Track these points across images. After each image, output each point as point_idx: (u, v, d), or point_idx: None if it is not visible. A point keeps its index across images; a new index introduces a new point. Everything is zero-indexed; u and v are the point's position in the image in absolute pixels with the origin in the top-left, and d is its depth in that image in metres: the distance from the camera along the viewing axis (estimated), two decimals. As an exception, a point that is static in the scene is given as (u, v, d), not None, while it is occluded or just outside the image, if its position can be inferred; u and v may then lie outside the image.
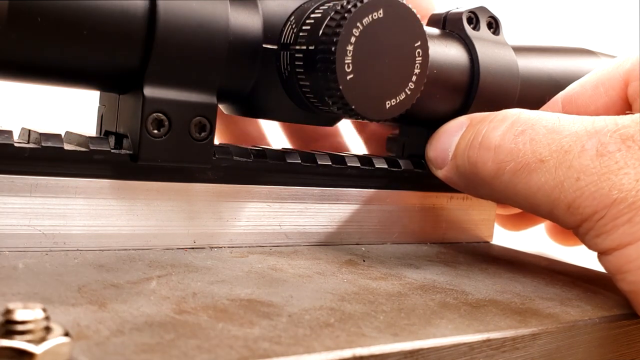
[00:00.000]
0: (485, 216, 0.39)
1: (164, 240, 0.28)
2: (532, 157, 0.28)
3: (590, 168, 0.27)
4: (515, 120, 0.29)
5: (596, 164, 0.26)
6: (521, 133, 0.29)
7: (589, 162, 0.27)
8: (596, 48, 0.41)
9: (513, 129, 0.29)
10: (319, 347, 0.19)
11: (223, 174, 0.29)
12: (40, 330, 0.15)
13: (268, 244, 0.31)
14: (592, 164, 0.27)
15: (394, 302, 0.24)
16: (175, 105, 0.26)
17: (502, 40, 0.35)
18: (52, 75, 0.26)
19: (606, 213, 0.26)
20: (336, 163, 0.32)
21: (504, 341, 0.22)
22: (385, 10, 0.27)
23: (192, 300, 0.22)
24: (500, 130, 0.29)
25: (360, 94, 0.27)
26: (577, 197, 0.27)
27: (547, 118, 0.29)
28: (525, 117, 0.29)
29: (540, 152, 0.28)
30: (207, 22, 0.26)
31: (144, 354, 0.17)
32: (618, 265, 0.27)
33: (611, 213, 0.26)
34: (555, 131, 0.28)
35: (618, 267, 0.27)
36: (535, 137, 0.28)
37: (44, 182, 0.25)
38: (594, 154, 0.27)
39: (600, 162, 0.26)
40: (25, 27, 0.23)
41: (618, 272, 0.27)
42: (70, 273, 0.23)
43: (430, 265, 0.31)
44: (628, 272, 0.26)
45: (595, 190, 0.26)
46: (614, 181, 0.26)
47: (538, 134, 0.28)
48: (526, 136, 0.28)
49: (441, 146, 0.32)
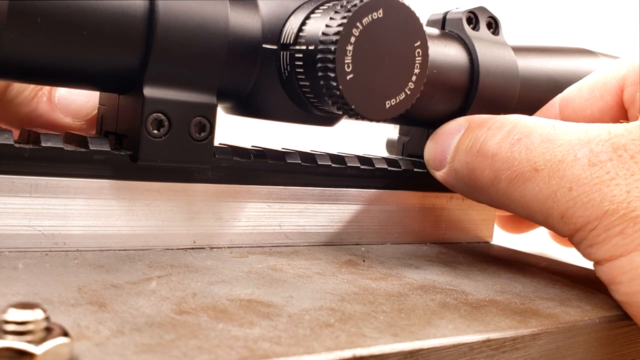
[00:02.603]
0: (485, 216, 0.39)
1: (163, 240, 0.28)
2: (527, 165, 0.28)
3: (582, 178, 0.26)
4: (513, 127, 0.29)
5: (588, 174, 0.26)
6: (517, 141, 0.29)
7: (581, 171, 0.27)
8: (596, 48, 0.41)
9: (510, 137, 0.29)
10: (319, 347, 0.19)
11: (223, 174, 0.29)
12: (40, 330, 0.15)
13: (268, 244, 0.31)
14: (584, 173, 0.26)
15: (394, 303, 0.24)
16: (175, 105, 0.26)
17: (502, 40, 0.35)
18: (52, 76, 0.26)
19: (598, 224, 0.26)
20: (336, 163, 0.32)
21: (504, 341, 0.22)
22: (385, 10, 0.27)
23: (192, 300, 0.22)
24: (497, 138, 0.29)
25: (360, 94, 0.27)
26: (570, 207, 0.27)
27: (543, 126, 0.29)
28: (523, 124, 0.29)
29: (535, 161, 0.28)
30: (207, 22, 0.26)
31: (144, 354, 0.17)
32: (611, 276, 0.27)
33: (603, 224, 0.26)
34: (550, 140, 0.28)
35: (611, 277, 0.27)
36: (530, 145, 0.28)
37: (44, 182, 0.25)
38: (586, 164, 0.27)
39: (591, 172, 0.26)
40: (25, 27, 0.23)
41: (612, 282, 0.27)
42: (70, 273, 0.23)
43: (430, 265, 0.31)
44: (621, 283, 0.26)
45: (587, 201, 0.26)
46: (605, 192, 0.26)
47: (533, 143, 0.28)
48: (522, 144, 0.28)
49: (439, 148, 0.32)
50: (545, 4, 0.95)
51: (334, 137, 0.45)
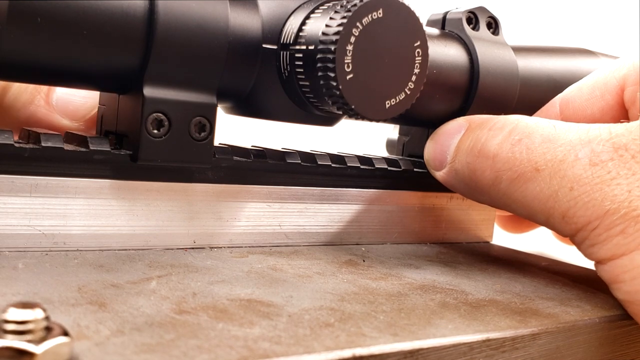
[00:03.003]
0: (485, 216, 0.39)
1: (164, 240, 0.28)
2: (528, 166, 0.28)
3: (583, 178, 0.27)
4: (513, 128, 0.29)
5: (589, 174, 0.26)
6: (518, 142, 0.29)
7: (582, 171, 0.27)
8: (596, 48, 0.41)
9: (511, 138, 0.29)
10: (319, 347, 0.19)
11: (223, 174, 0.29)
12: (40, 330, 0.15)
13: (268, 244, 0.31)
14: (585, 173, 0.27)
15: (393, 302, 0.24)
16: (175, 105, 0.26)
17: (502, 40, 0.35)
18: (52, 76, 0.26)
19: (599, 224, 0.26)
20: (336, 163, 0.32)
21: (503, 341, 0.22)
22: (385, 10, 0.27)
23: (192, 300, 0.22)
24: (498, 139, 0.29)
25: (360, 93, 0.27)
26: (571, 207, 0.27)
27: (543, 126, 0.29)
28: (523, 125, 0.29)
29: (535, 161, 0.28)
30: (207, 22, 0.26)
31: (144, 354, 0.17)
32: (613, 275, 0.27)
33: (604, 224, 0.26)
34: (551, 140, 0.28)
35: (613, 277, 0.27)
36: (531, 146, 0.28)
37: (44, 182, 0.25)
38: (587, 163, 0.27)
39: (592, 172, 0.26)
40: (25, 27, 0.23)
41: (614, 281, 0.27)
42: (70, 273, 0.23)
43: (430, 265, 0.31)
44: (623, 282, 0.26)
45: (588, 201, 0.26)
46: (606, 192, 0.26)
47: (534, 143, 0.28)
48: (523, 145, 0.28)
49: (439, 148, 0.32)
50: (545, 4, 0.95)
51: (334, 137, 0.45)
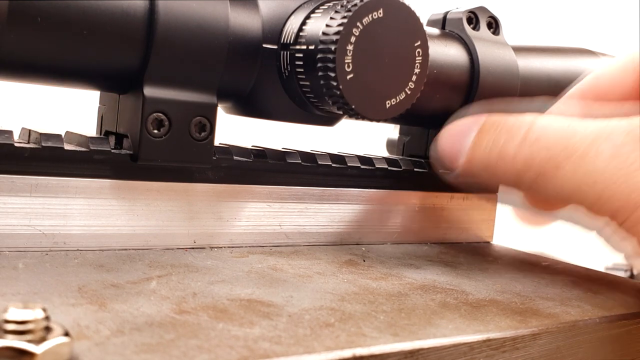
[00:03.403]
0: (486, 216, 0.39)
1: (164, 240, 0.28)
2: (548, 164, 0.28)
3: (606, 171, 0.26)
4: (530, 129, 0.29)
5: (611, 167, 0.26)
6: (536, 141, 0.28)
7: (604, 165, 0.26)
8: (596, 48, 0.41)
9: (528, 138, 0.29)
10: (319, 347, 0.19)
11: (223, 174, 0.29)
12: (40, 330, 0.15)
13: (268, 244, 0.31)
14: (607, 166, 0.26)
15: (394, 302, 0.24)
16: (175, 105, 0.26)
17: (502, 40, 0.35)
18: (52, 76, 0.26)
19: (628, 216, 0.26)
20: (336, 163, 0.32)
21: (504, 341, 0.22)
22: (385, 10, 0.27)
23: (192, 300, 0.22)
24: (517, 140, 0.29)
25: (360, 93, 0.27)
26: (596, 202, 0.26)
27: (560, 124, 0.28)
28: (540, 124, 0.29)
29: (556, 159, 0.28)
30: (207, 22, 0.26)
31: (144, 354, 0.17)
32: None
33: (634, 216, 0.26)
34: (569, 137, 0.28)
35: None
36: (549, 144, 0.28)
37: (44, 182, 0.25)
38: (608, 156, 0.26)
39: (615, 165, 0.26)
40: (25, 27, 0.23)
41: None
42: (70, 273, 0.23)
43: (431, 265, 0.31)
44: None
45: (613, 194, 0.26)
46: (631, 183, 0.25)
47: (552, 141, 0.28)
48: (541, 144, 0.28)
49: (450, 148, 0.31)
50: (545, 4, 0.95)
51: (334, 137, 0.45)
